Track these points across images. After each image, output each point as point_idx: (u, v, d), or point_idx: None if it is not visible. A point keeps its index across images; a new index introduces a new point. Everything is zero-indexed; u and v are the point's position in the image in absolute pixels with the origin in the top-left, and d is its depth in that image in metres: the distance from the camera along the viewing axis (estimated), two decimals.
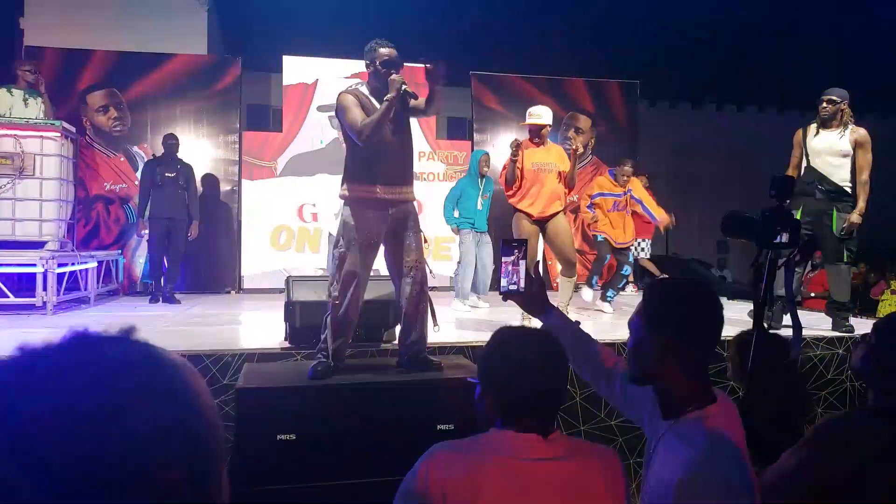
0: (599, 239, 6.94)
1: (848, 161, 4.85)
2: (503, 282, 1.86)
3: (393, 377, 3.45)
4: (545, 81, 9.13)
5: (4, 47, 9.30)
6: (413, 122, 8.67)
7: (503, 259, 1.87)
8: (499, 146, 8.94)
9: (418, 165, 8.62)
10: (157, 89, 8.08)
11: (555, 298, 5.34)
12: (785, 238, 1.85)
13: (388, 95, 3.29)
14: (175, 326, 5.29)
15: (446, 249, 8.65)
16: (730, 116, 17.23)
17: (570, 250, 5.02)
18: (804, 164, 4.99)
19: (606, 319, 6.17)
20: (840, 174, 4.87)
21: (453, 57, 9.19)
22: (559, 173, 5.01)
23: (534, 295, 1.89)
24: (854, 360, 1.83)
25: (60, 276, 6.00)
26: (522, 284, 1.87)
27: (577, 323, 1.95)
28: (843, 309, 4.95)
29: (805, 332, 4.74)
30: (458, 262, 6.72)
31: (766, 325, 2.30)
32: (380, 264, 3.82)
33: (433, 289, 8.37)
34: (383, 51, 3.44)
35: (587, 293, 6.74)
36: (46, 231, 5.97)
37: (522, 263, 1.87)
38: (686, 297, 1.47)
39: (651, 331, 1.45)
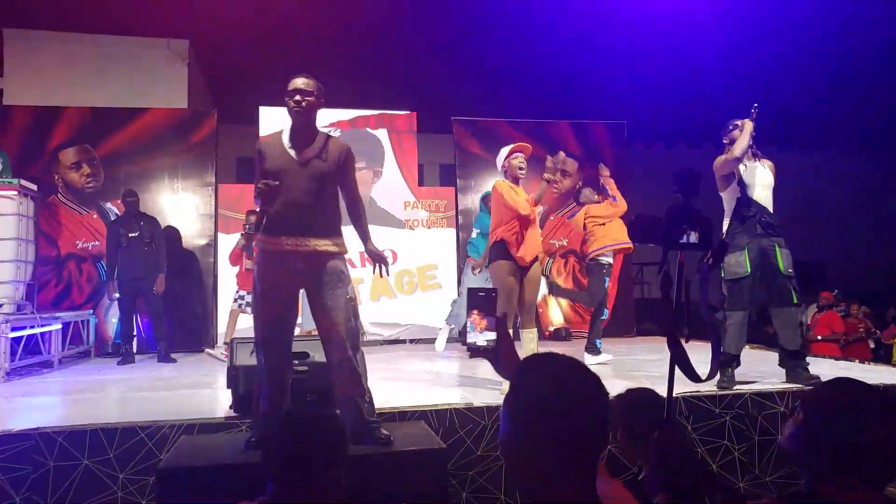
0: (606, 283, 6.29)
1: (770, 193, 4.57)
2: (470, 337, 1.59)
3: None
4: (528, 125, 8.93)
5: None
6: (395, 169, 8.51)
7: (470, 312, 1.60)
8: (483, 191, 8.71)
9: (403, 213, 8.40)
10: (131, 144, 7.92)
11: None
12: (693, 238, 1.57)
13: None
14: (131, 392, 4.96)
15: (432, 278, 8.34)
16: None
17: (536, 300, 4.76)
18: (738, 194, 4.55)
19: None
20: (770, 207, 4.54)
21: (436, 104, 9.08)
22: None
23: (504, 352, 1.60)
24: (782, 439, 1.51)
25: (17, 341, 5.72)
26: (491, 339, 1.59)
27: None
28: (798, 357, 4.45)
29: (760, 386, 4.31)
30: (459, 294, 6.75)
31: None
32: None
33: (424, 340, 8.13)
34: (293, 81, 3.16)
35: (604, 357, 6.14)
36: (3, 293, 5.72)
37: (489, 319, 1.60)
38: (551, 375, 1.14)
39: (512, 423, 1.13)
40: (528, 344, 4.58)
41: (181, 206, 8.04)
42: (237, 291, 6.95)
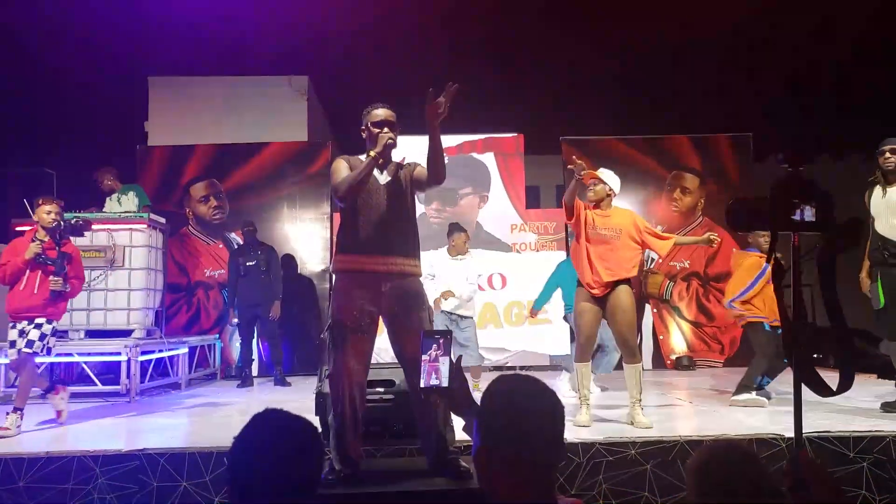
0: (762, 328, 5.17)
1: None
2: (422, 380, 1.71)
3: (412, 485, 2.97)
4: (641, 141, 8.52)
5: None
6: (502, 193, 8.36)
7: (423, 356, 1.69)
8: None
9: (510, 237, 8.26)
10: (253, 177, 8.41)
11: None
12: (809, 214, 1.28)
13: (372, 151, 3.05)
14: (238, 416, 5.15)
15: (542, 312, 8.01)
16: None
17: (628, 331, 4.22)
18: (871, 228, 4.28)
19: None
20: None
21: (543, 123, 8.88)
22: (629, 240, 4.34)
23: (457, 391, 1.75)
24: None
25: (145, 364, 6.14)
26: (445, 381, 1.70)
27: None
28: None
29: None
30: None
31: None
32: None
33: (534, 367, 7.88)
34: (376, 112, 3.20)
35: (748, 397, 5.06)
36: (134, 319, 6.17)
37: (445, 359, 1.68)
38: (513, 393, 1.30)
39: (481, 434, 1.28)
40: (629, 380, 4.20)
41: (300, 234, 8.39)
42: (13, 325, 4.50)
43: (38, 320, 4.48)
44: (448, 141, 8.51)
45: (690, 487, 1.52)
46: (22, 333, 4.43)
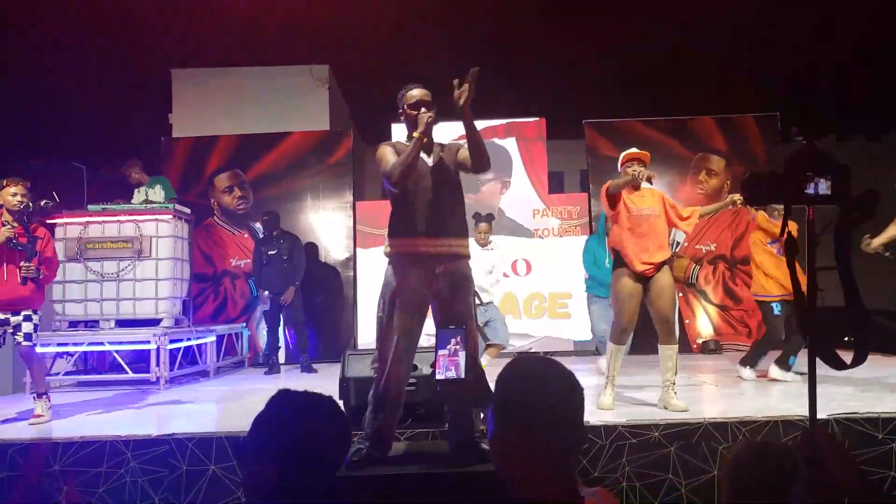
0: (775, 310, 5.22)
1: None
2: (438, 373, 1.67)
3: (435, 468, 2.99)
4: (666, 123, 8.40)
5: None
6: (524, 178, 8.30)
7: (439, 351, 1.67)
8: None
9: (532, 222, 8.22)
10: (276, 166, 8.48)
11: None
12: (824, 187, 1.26)
13: (415, 132, 3.04)
14: (264, 402, 5.21)
15: (563, 307, 8.02)
16: None
17: (672, 311, 4.26)
18: None
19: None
20: None
21: (566, 107, 8.80)
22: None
23: (473, 383, 1.66)
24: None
25: (174, 352, 6.25)
26: (462, 373, 1.66)
27: None
28: None
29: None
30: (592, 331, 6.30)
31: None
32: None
33: (558, 353, 7.86)
34: (411, 93, 3.20)
35: (747, 373, 5.40)
36: (162, 309, 6.27)
37: (462, 354, 1.67)
38: (531, 377, 1.25)
39: (496, 421, 1.25)
40: (665, 362, 4.18)
41: (323, 223, 8.45)
42: None
43: (24, 312, 4.37)
44: None
45: (723, 488, 1.53)
46: (3, 323, 4.33)
